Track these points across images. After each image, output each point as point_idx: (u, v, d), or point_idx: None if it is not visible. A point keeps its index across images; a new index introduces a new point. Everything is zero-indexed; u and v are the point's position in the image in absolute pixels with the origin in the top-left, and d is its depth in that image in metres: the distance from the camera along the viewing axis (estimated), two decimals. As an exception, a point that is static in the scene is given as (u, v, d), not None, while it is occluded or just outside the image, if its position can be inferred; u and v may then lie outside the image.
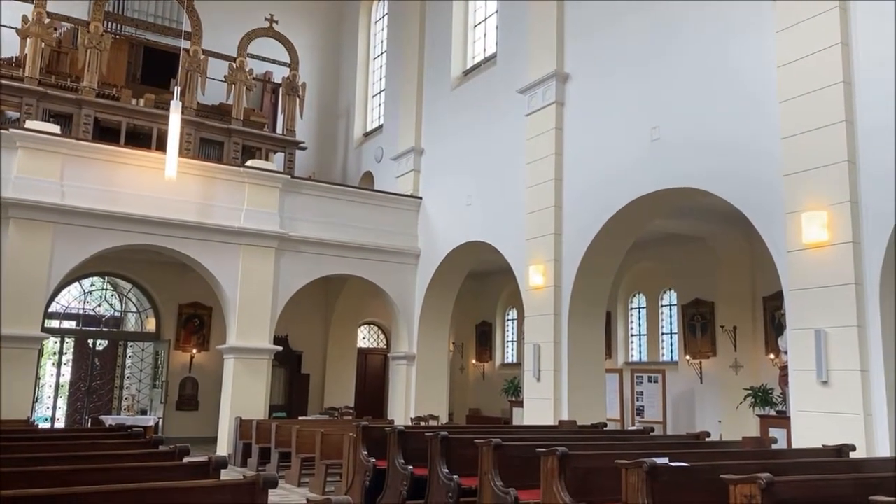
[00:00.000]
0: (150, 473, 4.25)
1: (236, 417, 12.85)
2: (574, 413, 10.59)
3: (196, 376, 16.63)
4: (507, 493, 5.96)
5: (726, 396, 12.81)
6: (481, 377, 19.81)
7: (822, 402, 7.37)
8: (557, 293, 11.27)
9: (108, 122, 15.46)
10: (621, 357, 15.86)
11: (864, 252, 7.28)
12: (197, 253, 12.93)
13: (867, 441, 6.92)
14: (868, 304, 7.17)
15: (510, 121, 12.78)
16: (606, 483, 5.31)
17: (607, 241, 10.83)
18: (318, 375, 17.99)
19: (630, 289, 16.11)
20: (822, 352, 7.36)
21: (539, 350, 11.35)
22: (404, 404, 14.86)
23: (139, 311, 17.01)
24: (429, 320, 15.02)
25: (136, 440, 6.07)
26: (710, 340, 13.69)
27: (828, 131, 7.61)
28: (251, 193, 13.53)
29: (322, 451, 10.21)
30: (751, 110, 8.65)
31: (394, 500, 7.57)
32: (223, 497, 3.57)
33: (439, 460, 6.99)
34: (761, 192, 8.39)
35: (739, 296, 13.23)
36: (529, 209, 11.96)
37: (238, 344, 13.06)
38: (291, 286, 13.79)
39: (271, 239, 13.49)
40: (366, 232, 14.63)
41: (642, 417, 13.80)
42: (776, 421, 9.90)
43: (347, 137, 19.76)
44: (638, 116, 10.23)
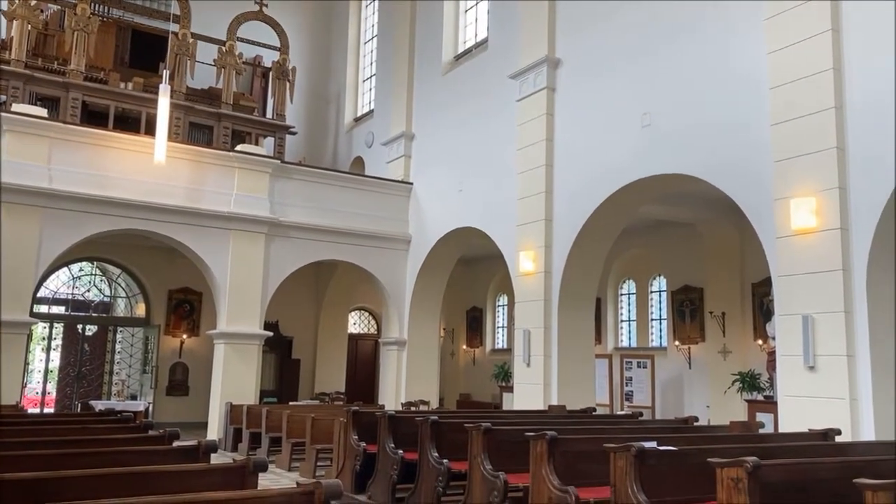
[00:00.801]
0: (140, 457, 4.26)
1: (227, 402, 12.85)
2: (563, 398, 10.64)
3: (186, 361, 16.60)
4: (497, 477, 6.00)
5: (714, 382, 12.90)
6: (472, 363, 19.88)
7: (808, 387, 7.44)
8: (548, 279, 11.30)
9: (96, 105, 15.32)
10: (611, 342, 15.94)
11: (852, 238, 7.32)
12: (186, 238, 12.87)
13: (853, 425, 7.00)
14: (855, 289, 7.23)
15: (501, 106, 12.75)
16: (595, 467, 5.36)
17: (597, 228, 10.85)
18: (308, 361, 18.00)
19: (620, 275, 16.17)
20: (809, 337, 7.42)
21: (529, 336, 11.39)
22: (395, 390, 14.90)
23: (128, 296, 16.94)
24: (419, 306, 15.03)
25: (126, 425, 6.06)
26: (699, 326, 13.77)
27: (817, 118, 7.64)
28: (241, 178, 13.46)
29: (312, 435, 10.24)
30: (741, 97, 8.66)
31: (384, 484, 7.61)
32: (213, 480, 3.58)
33: (429, 444, 7.03)
34: (751, 179, 8.42)
35: (728, 282, 13.31)
36: (520, 195, 11.96)
37: (228, 329, 13.04)
38: (282, 272, 13.76)
39: (261, 224, 13.44)
40: (356, 217, 14.60)
41: (631, 402, 13.89)
42: (763, 406, 9.99)
43: (338, 122, 19.67)
44: (629, 103, 10.22)
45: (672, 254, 14.47)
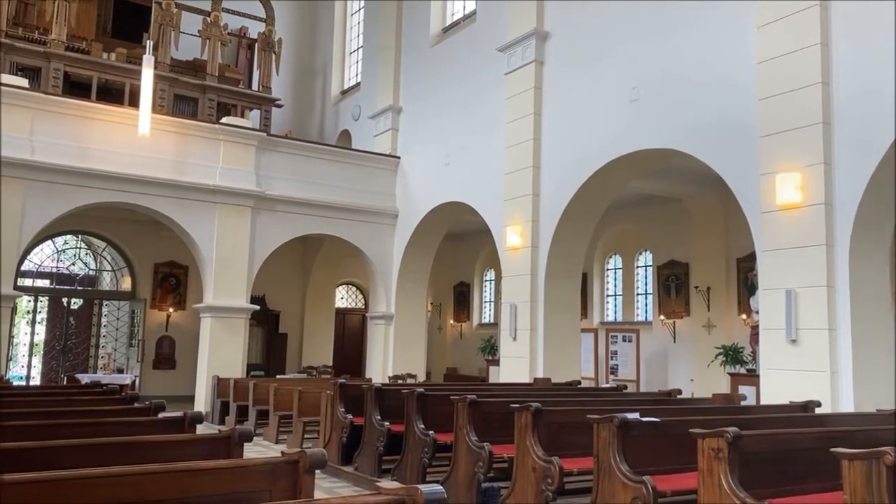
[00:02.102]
0: (125, 429, 4.26)
1: (213, 376, 12.86)
2: (549, 371, 10.73)
3: (173, 335, 16.57)
4: (482, 448, 6.07)
5: (699, 355, 13.04)
6: (459, 337, 19.97)
7: (790, 361, 7.54)
8: (534, 254, 11.33)
9: (79, 76, 15.08)
10: (597, 317, 16.05)
11: (836, 213, 7.38)
12: (172, 211, 12.78)
13: (832, 397, 7.11)
14: (837, 264, 7.30)
15: (489, 80, 12.67)
16: (579, 438, 5.43)
17: (584, 202, 10.87)
18: (295, 335, 18.02)
19: (606, 250, 16.24)
20: (791, 311, 7.50)
21: (516, 310, 11.45)
22: (382, 364, 14.96)
23: (114, 269, 16.84)
24: (407, 280, 15.05)
25: (112, 397, 6.06)
26: (684, 301, 13.89)
27: (804, 93, 7.65)
28: (226, 151, 13.34)
29: (300, 408, 10.28)
30: (729, 72, 8.65)
31: (370, 456, 7.68)
32: (198, 450, 3.59)
33: (416, 416, 7.08)
34: (737, 154, 8.44)
35: (714, 257, 13.40)
36: (508, 170, 11.94)
37: (215, 303, 13.01)
38: (268, 245, 13.71)
39: (247, 197, 13.36)
40: (343, 191, 14.53)
41: (616, 376, 14.03)
42: (746, 379, 10.12)
43: (324, 95, 19.49)
44: (617, 77, 10.19)
45: (658, 229, 14.53)
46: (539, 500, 5.36)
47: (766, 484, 4.26)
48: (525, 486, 5.50)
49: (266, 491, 2.93)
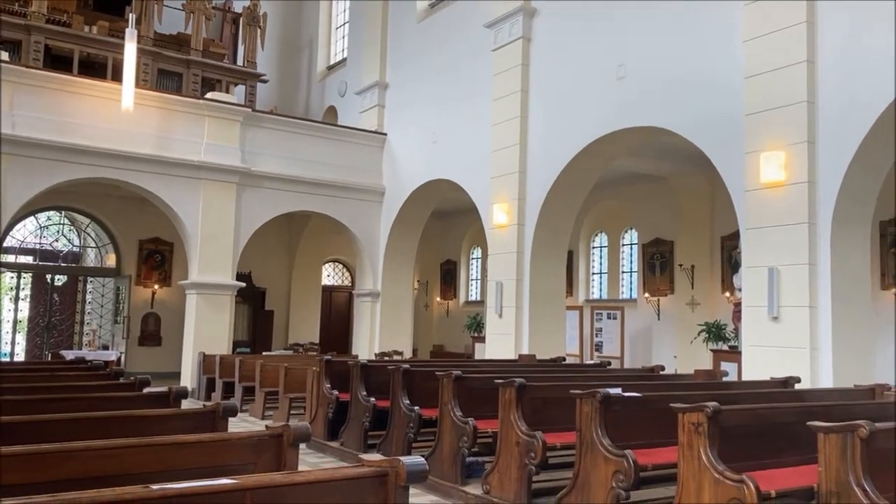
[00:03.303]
0: (110, 403, 4.27)
1: (199, 353, 12.86)
2: (534, 348, 10.81)
3: (158, 312, 16.51)
4: (467, 423, 6.12)
5: (682, 333, 13.17)
6: (445, 314, 20.04)
7: (772, 337, 7.63)
8: (521, 231, 11.35)
9: (60, 50, 14.86)
10: (582, 294, 16.14)
11: (818, 192, 7.44)
12: (156, 187, 12.67)
13: (812, 373, 7.22)
14: (819, 242, 7.38)
15: (477, 56, 12.60)
16: (562, 413, 5.48)
17: (571, 180, 10.88)
18: (282, 312, 18.01)
19: (592, 228, 16.29)
20: (774, 288, 7.58)
21: (502, 287, 11.50)
22: (369, 341, 15.00)
23: (98, 246, 16.71)
24: (393, 258, 15.05)
25: (96, 372, 6.05)
26: (669, 278, 13.99)
27: (789, 71, 7.67)
28: (211, 127, 13.22)
29: (286, 384, 10.31)
30: (716, 50, 8.65)
31: (356, 431, 7.73)
32: (183, 425, 3.61)
33: (401, 392, 7.12)
34: (723, 132, 8.47)
35: (698, 235, 13.49)
36: (494, 147, 11.91)
37: (200, 280, 12.96)
38: (254, 222, 13.65)
39: (232, 174, 13.27)
40: (329, 168, 14.46)
41: (601, 353, 14.15)
42: (728, 355, 10.24)
43: (310, 71, 19.31)
44: (604, 55, 10.16)
45: (644, 207, 14.59)
46: (522, 474, 5.43)
47: (744, 457, 4.33)
48: (509, 461, 5.57)
49: (250, 464, 2.95)
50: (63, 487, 2.26)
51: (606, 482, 4.72)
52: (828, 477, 3.54)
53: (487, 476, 5.77)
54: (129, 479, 2.59)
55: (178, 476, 2.49)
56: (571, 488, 4.98)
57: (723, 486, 3.97)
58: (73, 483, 2.46)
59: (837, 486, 3.49)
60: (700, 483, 4.10)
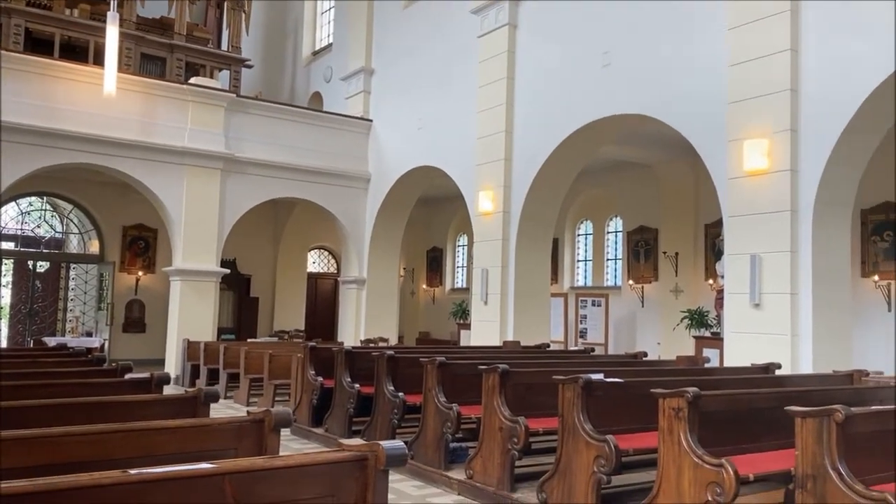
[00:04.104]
0: (91, 390, 4.24)
1: (184, 339, 12.81)
2: (519, 335, 10.86)
3: (143, 299, 16.43)
4: (450, 409, 6.15)
5: (666, 319, 13.26)
6: (431, 301, 20.06)
7: (753, 324, 7.70)
8: (506, 219, 11.37)
9: (41, 33, 14.65)
10: (567, 282, 16.21)
11: (801, 180, 7.49)
12: (139, 173, 12.57)
13: (792, 360, 7.30)
14: (801, 230, 7.44)
15: (462, 43, 12.55)
16: (545, 399, 5.51)
17: (556, 168, 10.90)
18: (267, 299, 17.97)
19: (578, 215, 16.34)
20: (755, 276, 7.65)
21: (487, 274, 11.52)
22: (354, 328, 15.00)
23: (81, 232, 16.57)
24: (379, 245, 15.03)
25: (78, 359, 6.02)
26: (653, 266, 14.07)
27: (773, 60, 7.70)
28: (195, 112, 13.11)
29: (270, 371, 10.31)
30: (700, 38, 8.66)
31: (340, 418, 7.74)
32: (164, 410, 3.60)
33: (385, 378, 7.14)
34: (707, 120, 8.50)
35: (683, 222, 13.56)
36: (480, 134, 11.90)
37: (184, 266, 12.90)
38: (238, 208, 13.57)
39: (216, 160, 13.17)
40: (314, 154, 14.38)
41: (585, 339, 14.23)
42: (710, 342, 10.32)
43: (295, 56, 19.17)
44: (590, 42, 10.15)
45: (629, 195, 14.64)
46: (505, 459, 5.47)
47: (724, 442, 4.38)
48: (492, 446, 5.60)
49: (231, 449, 2.95)
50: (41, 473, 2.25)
51: (588, 467, 4.76)
52: (804, 461, 3.59)
53: (471, 461, 5.80)
54: (109, 464, 2.58)
55: (159, 461, 2.48)
56: (553, 473, 5.02)
57: (702, 470, 4.02)
58: (51, 468, 2.45)
59: (813, 469, 3.54)
60: (680, 467, 4.14)
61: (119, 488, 1.96)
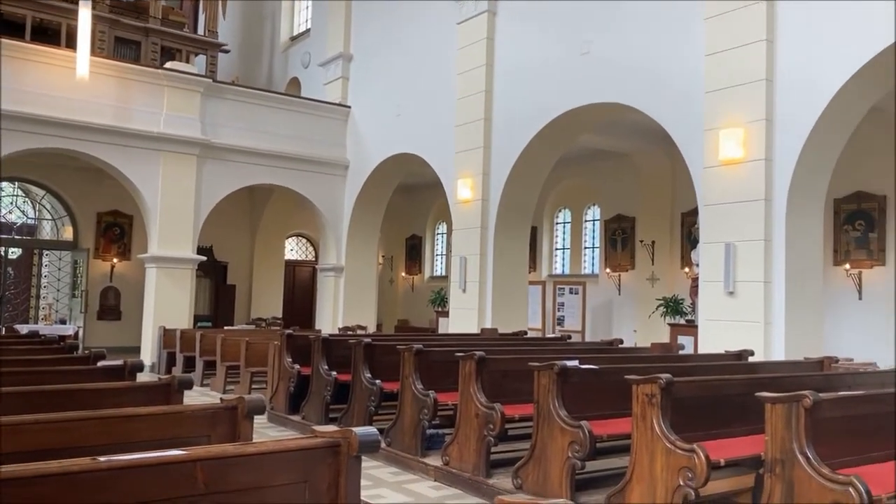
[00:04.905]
0: (63, 377, 4.20)
1: (160, 327, 12.70)
2: (497, 322, 10.90)
3: (118, 286, 16.25)
4: (427, 396, 6.16)
5: (642, 307, 13.38)
6: (410, 289, 20.06)
7: (727, 312, 7.80)
8: (485, 207, 11.38)
9: (12, 15, 14.37)
10: (545, 270, 16.28)
11: (775, 169, 7.57)
12: (114, 158, 12.39)
13: (765, 346, 7.41)
14: (775, 219, 7.53)
15: (442, 29, 12.49)
16: (521, 385, 5.55)
17: (535, 156, 10.91)
18: (244, 286, 17.85)
19: (556, 204, 16.39)
20: (730, 264, 7.73)
21: (466, 262, 11.54)
22: (333, 315, 14.96)
23: (54, 218, 16.34)
24: (357, 232, 14.97)
25: (50, 346, 5.95)
26: (630, 254, 14.18)
27: (749, 49, 7.76)
28: (171, 97, 12.94)
29: (247, 359, 10.26)
30: (678, 28, 8.69)
31: (317, 405, 7.74)
32: (137, 397, 3.57)
33: (362, 366, 7.14)
34: (684, 110, 8.55)
35: (659, 211, 13.66)
36: (459, 121, 11.88)
37: (160, 253, 12.77)
38: (215, 195, 13.45)
39: (193, 146, 13.02)
40: (292, 141, 14.27)
41: (562, 327, 14.31)
42: (685, 329, 10.42)
43: (273, 41, 18.97)
44: (569, 29, 10.15)
45: (607, 183, 14.71)
46: (481, 445, 5.50)
47: (696, 427, 4.44)
48: (468, 432, 5.63)
49: (205, 436, 2.94)
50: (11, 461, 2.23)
51: (563, 452, 4.81)
52: (773, 445, 3.65)
53: (447, 447, 5.83)
54: (80, 452, 2.56)
55: (131, 449, 2.47)
56: (529, 459, 5.06)
57: (674, 455, 4.08)
58: (21, 456, 2.42)
59: (782, 454, 3.60)
60: (652, 453, 4.20)
61: (88, 475, 1.95)
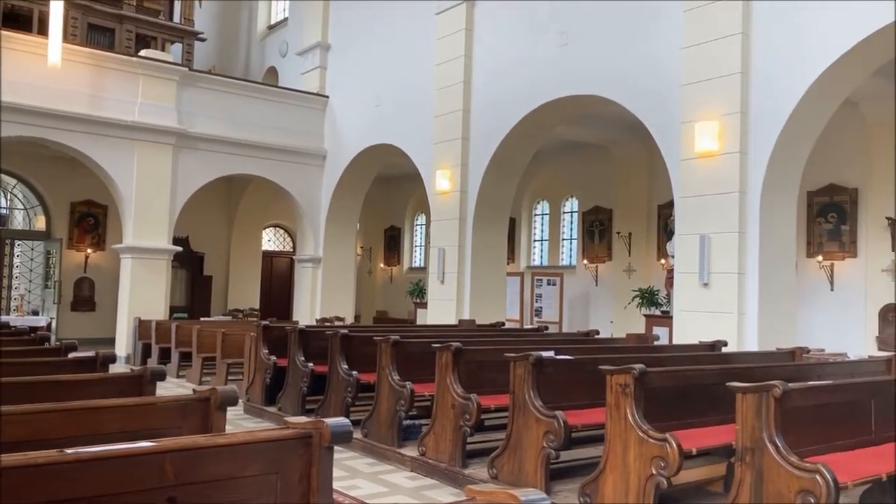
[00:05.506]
0: (34, 369, 4.14)
1: (135, 318, 12.57)
2: (475, 313, 10.92)
3: (92, 277, 16.05)
4: (404, 387, 6.17)
5: (619, 298, 13.48)
6: (389, 281, 20.04)
7: (701, 302, 7.88)
8: (463, 198, 11.38)
9: (-19, 0, 14.08)
10: (523, 261, 16.34)
11: (749, 162, 7.65)
12: (88, 147, 12.21)
13: (739, 337, 7.50)
14: (749, 211, 7.61)
15: (421, 19, 12.44)
16: (497, 376, 5.57)
17: (513, 147, 10.92)
18: (221, 277, 17.71)
19: (535, 196, 16.43)
20: (704, 256, 7.81)
21: (444, 253, 11.54)
22: (310, 307, 14.89)
23: (26, 208, 16.08)
24: (335, 223, 14.91)
25: (20, 337, 5.86)
26: (607, 246, 14.27)
27: (725, 43, 7.81)
28: (146, 86, 12.76)
29: (223, 350, 10.20)
30: (656, 20, 8.73)
31: (294, 396, 7.71)
32: (109, 389, 3.53)
33: (339, 357, 7.12)
34: (661, 102, 8.60)
35: (636, 203, 13.75)
36: (438, 112, 11.85)
37: (135, 244, 12.62)
38: (191, 185, 13.30)
39: (168, 135, 12.87)
40: (269, 130, 14.15)
41: (540, 318, 14.38)
42: (660, 320, 10.53)
43: (250, 30, 18.78)
44: (546, 20, 10.15)
45: (585, 175, 14.78)
46: (457, 435, 5.52)
47: (669, 417, 4.49)
48: (444, 423, 5.65)
49: (176, 428, 2.91)
50: (-25, 453, 2.19)
51: (538, 442, 4.84)
52: (744, 434, 3.70)
53: (423, 438, 5.84)
54: (49, 444, 2.52)
55: (100, 441, 2.44)
56: (504, 449, 5.09)
57: (647, 444, 4.12)
58: (-13, 449, 2.39)
59: (752, 442, 3.65)
60: (626, 442, 4.24)
61: (54, 468, 1.92)
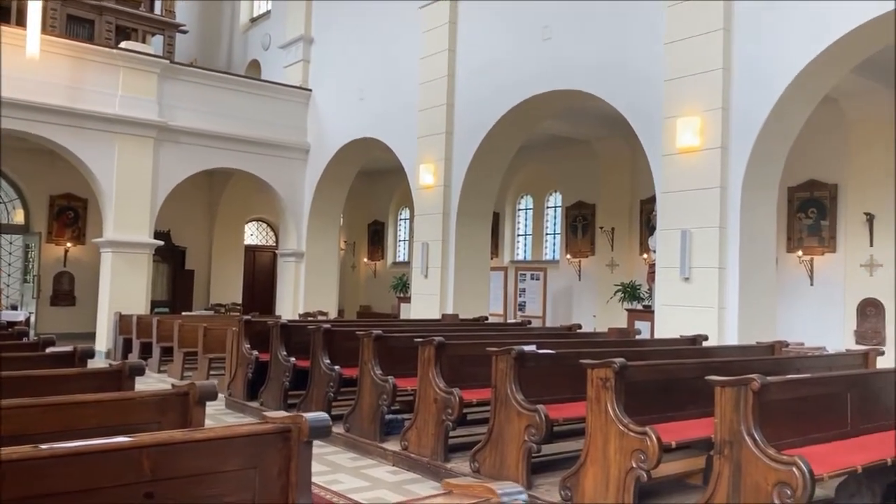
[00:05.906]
0: (10, 364, 4.09)
1: (116, 313, 12.46)
2: (459, 308, 10.93)
3: (72, 271, 15.89)
4: (386, 381, 6.16)
5: (602, 293, 13.55)
6: (373, 275, 20.00)
7: (683, 297, 7.94)
8: (447, 192, 11.37)
9: (-42, -10, 13.86)
10: (507, 256, 16.37)
11: (731, 157, 7.70)
12: (67, 140, 12.07)
13: (719, 331, 7.56)
14: (730, 206, 7.67)
15: (405, 13, 12.39)
16: (480, 370, 5.58)
17: (497, 142, 10.93)
18: (203, 272, 17.60)
19: (518, 190, 16.46)
20: (686, 250, 7.86)
21: (427, 248, 11.53)
22: (293, 301, 14.84)
23: (4, 201, 15.87)
24: (318, 218, 14.85)
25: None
26: (590, 240, 14.33)
27: (707, 38, 7.85)
28: (126, 78, 12.63)
29: (205, 345, 10.13)
30: (637, 16, 8.75)
31: (276, 391, 7.68)
32: (88, 384, 3.50)
33: (321, 352, 7.10)
34: (643, 98, 8.63)
35: (619, 198, 13.82)
36: (422, 106, 11.83)
37: (115, 237, 12.50)
38: (172, 179, 13.19)
39: (149, 128, 12.75)
40: (252, 124, 14.06)
41: (524, 312, 14.43)
42: (642, 314, 10.60)
43: (233, 22, 18.63)
44: (531, 15, 10.15)
45: (568, 170, 14.82)
46: (440, 430, 5.53)
47: (650, 411, 4.52)
48: (427, 417, 5.65)
49: (155, 423, 2.90)
50: (-51, 449, 2.17)
51: (519, 436, 4.85)
52: (722, 427, 3.73)
53: (406, 432, 5.84)
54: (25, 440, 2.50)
55: (77, 436, 2.42)
56: (486, 443, 5.10)
57: (627, 438, 4.15)
58: (-39, 445, 2.36)
59: (731, 435, 3.69)
60: (606, 435, 4.26)
61: (29, 463, 1.90)
